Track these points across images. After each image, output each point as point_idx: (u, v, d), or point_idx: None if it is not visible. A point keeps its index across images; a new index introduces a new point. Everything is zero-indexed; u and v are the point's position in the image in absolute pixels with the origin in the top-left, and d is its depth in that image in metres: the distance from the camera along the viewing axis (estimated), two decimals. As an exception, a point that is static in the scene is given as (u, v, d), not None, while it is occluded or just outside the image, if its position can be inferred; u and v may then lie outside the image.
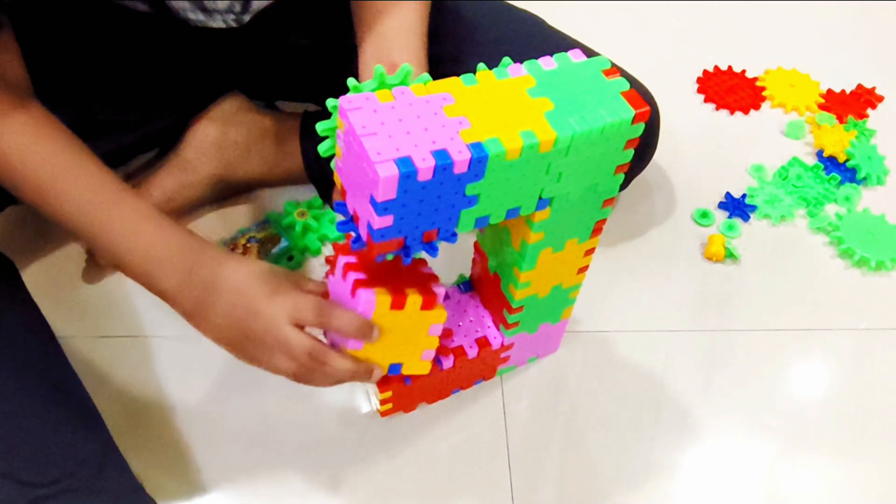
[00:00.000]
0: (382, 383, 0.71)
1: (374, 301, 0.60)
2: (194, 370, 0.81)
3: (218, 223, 0.93)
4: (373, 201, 0.52)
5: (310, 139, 0.92)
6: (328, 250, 0.91)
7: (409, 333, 0.64)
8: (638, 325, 0.88)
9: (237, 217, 0.93)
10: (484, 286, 0.75)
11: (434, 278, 0.65)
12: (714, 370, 0.85)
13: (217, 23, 0.78)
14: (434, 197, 0.53)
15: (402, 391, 0.74)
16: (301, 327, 0.62)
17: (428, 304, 0.63)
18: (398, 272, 0.63)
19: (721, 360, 0.86)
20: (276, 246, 0.89)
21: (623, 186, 0.90)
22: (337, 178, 0.59)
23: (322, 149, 0.60)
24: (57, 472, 0.63)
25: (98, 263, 0.88)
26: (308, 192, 0.95)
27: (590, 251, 0.70)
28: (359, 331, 0.61)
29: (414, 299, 0.62)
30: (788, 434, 0.80)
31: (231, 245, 0.89)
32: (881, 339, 0.89)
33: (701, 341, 0.87)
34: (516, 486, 0.75)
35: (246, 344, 0.63)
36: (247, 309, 0.62)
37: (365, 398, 0.79)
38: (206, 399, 0.79)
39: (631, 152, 0.60)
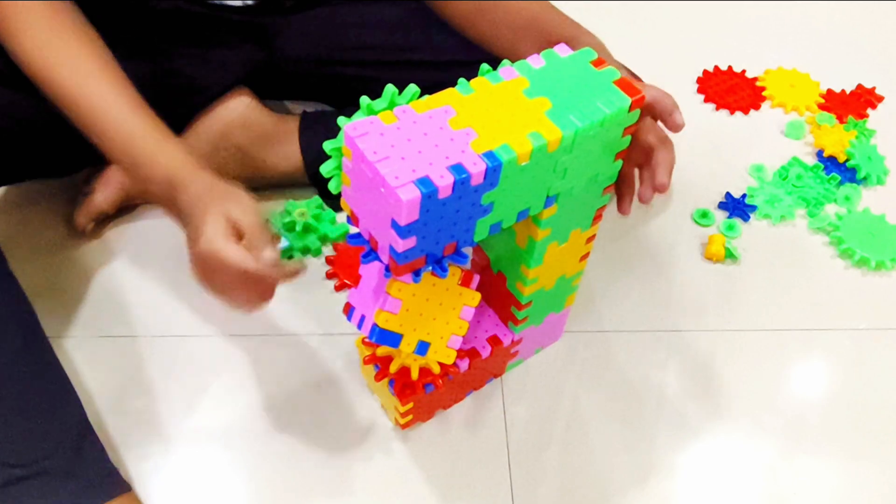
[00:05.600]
0: (405, 396, 0.71)
1: None
2: (196, 371, 0.81)
3: (218, 223, 0.92)
4: (395, 225, 0.52)
5: (309, 141, 0.92)
6: (328, 250, 0.91)
7: (443, 309, 0.64)
8: (638, 325, 0.88)
9: (237, 217, 0.93)
10: (487, 285, 0.75)
11: (468, 268, 0.66)
12: (714, 370, 0.85)
13: (234, 1, 0.79)
14: (453, 211, 0.53)
15: (422, 401, 0.74)
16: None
17: (465, 281, 0.64)
18: None
19: (721, 360, 0.85)
20: (276, 246, 0.89)
21: None
22: (345, 204, 0.58)
23: (325, 169, 0.59)
24: (34, 453, 0.64)
25: (79, 224, 0.89)
26: (308, 192, 0.95)
27: (591, 238, 0.70)
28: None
29: (454, 270, 0.63)
30: (788, 434, 0.80)
31: (231, 245, 0.89)
32: (881, 339, 0.89)
33: (701, 341, 0.87)
34: (516, 486, 0.75)
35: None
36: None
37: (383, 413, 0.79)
38: (206, 402, 0.79)
39: (629, 138, 0.61)
